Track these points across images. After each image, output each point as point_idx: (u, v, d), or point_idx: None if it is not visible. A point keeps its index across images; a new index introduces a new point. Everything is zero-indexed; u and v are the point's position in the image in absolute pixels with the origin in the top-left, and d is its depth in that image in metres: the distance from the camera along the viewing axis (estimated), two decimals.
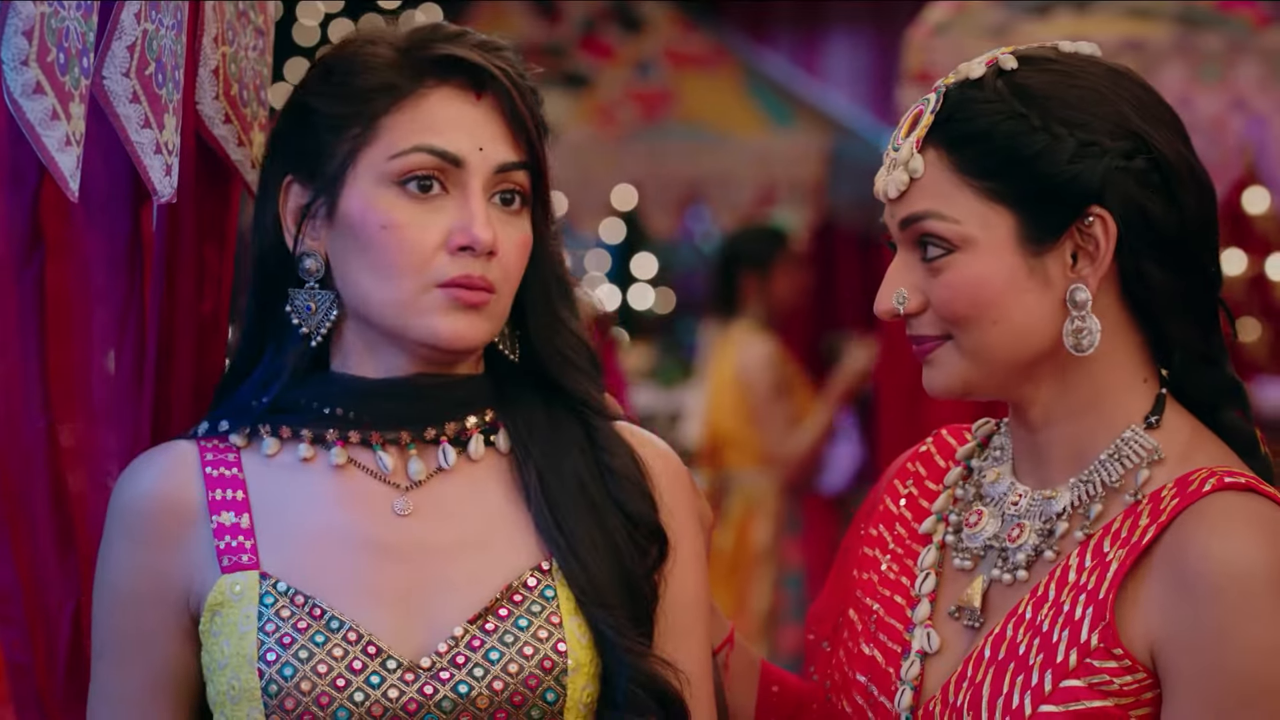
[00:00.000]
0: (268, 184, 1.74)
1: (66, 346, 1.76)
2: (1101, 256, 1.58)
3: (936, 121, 1.61)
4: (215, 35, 1.76)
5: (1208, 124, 3.99)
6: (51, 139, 1.49)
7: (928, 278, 1.61)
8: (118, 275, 1.77)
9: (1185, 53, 4.01)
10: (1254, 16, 4.11)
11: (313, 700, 1.60)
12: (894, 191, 1.62)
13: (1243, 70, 4.02)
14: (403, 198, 1.67)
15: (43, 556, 1.74)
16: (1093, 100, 1.59)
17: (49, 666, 1.73)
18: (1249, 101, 4.02)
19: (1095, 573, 1.56)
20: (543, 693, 1.63)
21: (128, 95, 1.61)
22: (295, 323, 1.71)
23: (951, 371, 1.62)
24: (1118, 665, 1.52)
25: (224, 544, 1.67)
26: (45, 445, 1.74)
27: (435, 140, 1.67)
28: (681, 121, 7.28)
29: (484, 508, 1.71)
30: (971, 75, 1.62)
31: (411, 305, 1.67)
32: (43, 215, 1.72)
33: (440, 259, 1.67)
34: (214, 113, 1.77)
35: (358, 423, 1.71)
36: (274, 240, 1.72)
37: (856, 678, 1.68)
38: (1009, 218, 1.59)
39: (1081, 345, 1.59)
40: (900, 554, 1.72)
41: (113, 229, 1.77)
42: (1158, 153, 1.59)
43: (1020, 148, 1.58)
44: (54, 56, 1.48)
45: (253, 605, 1.64)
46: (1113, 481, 1.60)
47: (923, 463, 1.77)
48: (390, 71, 1.69)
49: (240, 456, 1.71)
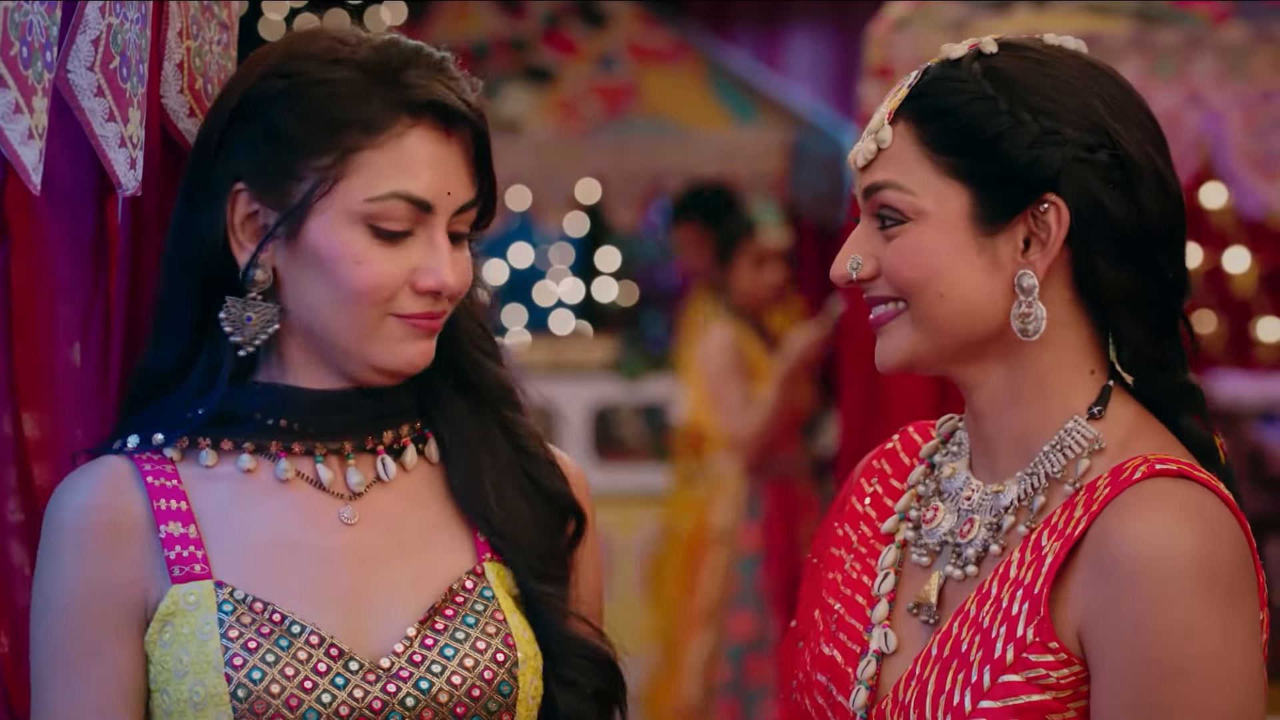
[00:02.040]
0: (209, 186, 1.71)
1: (31, 339, 1.76)
2: (1051, 244, 1.59)
3: (910, 95, 1.63)
4: (180, 29, 1.76)
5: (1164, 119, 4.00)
6: (14, 133, 1.49)
7: (882, 244, 1.64)
8: (82, 268, 1.78)
9: (1142, 48, 4.04)
10: (1211, 12, 4.14)
11: (282, 703, 1.62)
12: (862, 160, 1.65)
13: (1199, 66, 4.05)
14: (373, 239, 1.67)
15: (8, 549, 1.74)
16: (1063, 90, 1.60)
17: (15, 659, 1.73)
18: (1205, 97, 4.05)
19: (1032, 568, 1.57)
20: (498, 685, 1.67)
21: (92, 89, 1.61)
22: (227, 330, 1.70)
23: (901, 343, 1.64)
24: (1054, 659, 1.53)
25: (174, 554, 1.67)
26: (11, 437, 1.74)
27: (411, 187, 1.67)
28: (645, 116, 7.29)
29: (419, 515, 1.74)
30: (952, 55, 1.64)
31: (371, 334, 1.69)
32: (7, 209, 1.73)
33: (403, 294, 1.68)
34: (179, 107, 1.77)
35: (301, 434, 1.72)
36: (217, 247, 1.70)
37: (817, 678, 1.69)
38: (964, 195, 1.61)
39: (1027, 330, 1.60)
40: (863, 553, 1.73)
41: (77, 222, 1.77)
42: (1122, 150, 1.59)
43: (983, 128, 1.60)
44: (17, 50, 1.48)
45: (211, 613, 1.64)
46: (1055, 473, 1.61)
47: (888, 460, 1.78)
48: (363, 104, 1.67)
49: (177, 469, 1.71)
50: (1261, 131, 4.08)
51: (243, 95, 1.70)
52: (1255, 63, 4.09)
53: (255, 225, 1.71)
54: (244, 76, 1.73)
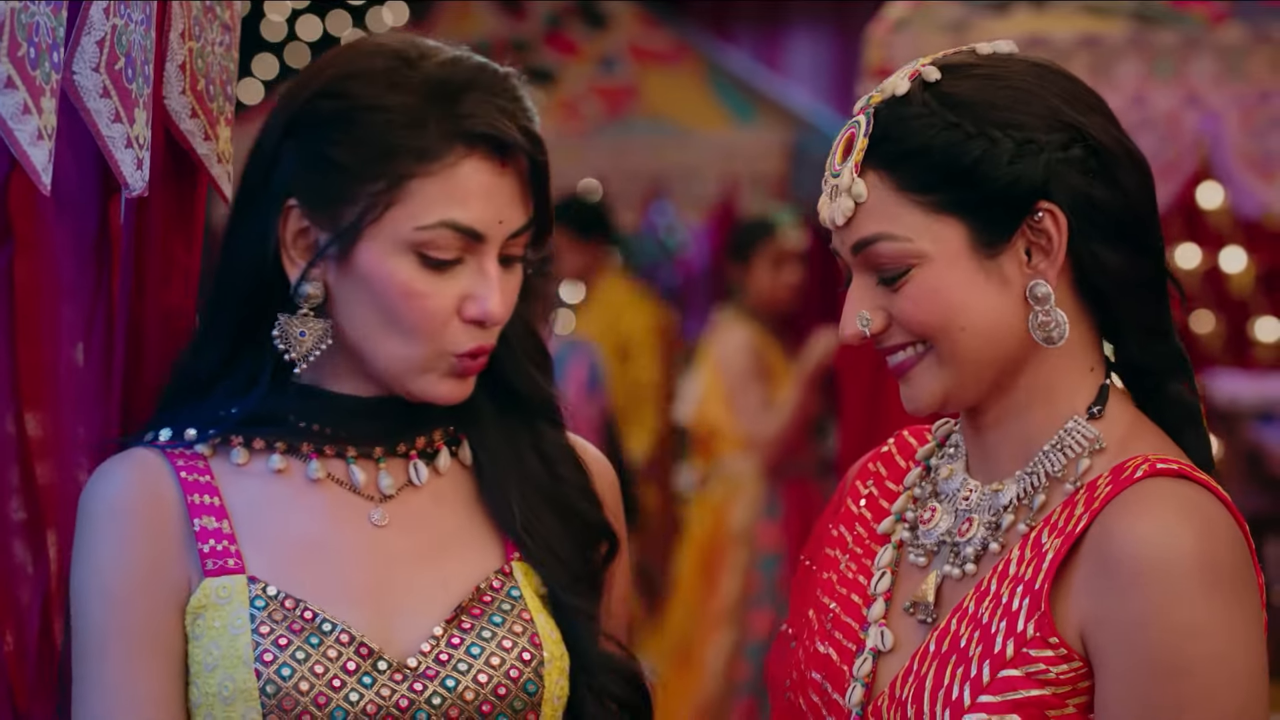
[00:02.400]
0: (261, 199, 1.70)
1: (34, 339, 1.77)
2: (1056, 249, 1.60)
3: (872, 143, 1.62)
4: (182, 30, 1.77)
5: (1162, 120, 4.03)
6: (23, 133, 1.50)
7: (887, 295, 1.62)
8: (86, 269, 1.78)
9: (1140, 49, 4.05)
10: (1208, 13, 4.15)
11: (310, 700, 1.63)
12: (841, 219, 1.63)
13: (1197, 66, 4.05)
14: (422, 267, 1.67)
15: (11, 548, 1.74)
16: (1022, 99, 1.60)
17: (19, 658, 1.73)
18: (1203, 97, 4.05)
19: (1032, 564, 1.57)
20: (523, 684, 1.68)
21: (98, 90, 1.62)
22: (281, 348, 1.70)
23: (933, 385, 1.63)
24: (1054, 654, 1.54)
25: (207, 547, 1.68)
26: (13, 436, 1.75)
27: (461, 216, 1.66)
28: (645, 117, 7.30)
29: (449, 517, 1.75)
30: (898, 91, 1.63)
31: (419, 367, 1.69)
32: (11, 209, 1.73)
33: (454, 327, 1.68)
34: (181, 107, 1.78)
35: (334, 438, 1.73)
36: (267, 260, 1.70)
37: (812, 676, 1.69)
38: (958, 227, 1.60)
39: (1052, 338, 1.60)
40: (859, 554, 1.73)
41: (81, 223, 1.78)
42: (1093, 140, 1.60)
43: (959, 156, 1.59)
44: (24, 51, 1.49)
45: (243, 608, 1.65)
46: (1055, 472, 1.62)
47: (884, 463, 1.79)
48: (418, 131, 1.65)
49: (209, 464, 1.72)
50: (1259, 132, 4.09)
51: (297, 112, 1.69)
52: (1253, 63, 4.10)
53: (307, 241, 1.70)
54: (299, 90, 1.71)
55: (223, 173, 1.85)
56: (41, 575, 1.76)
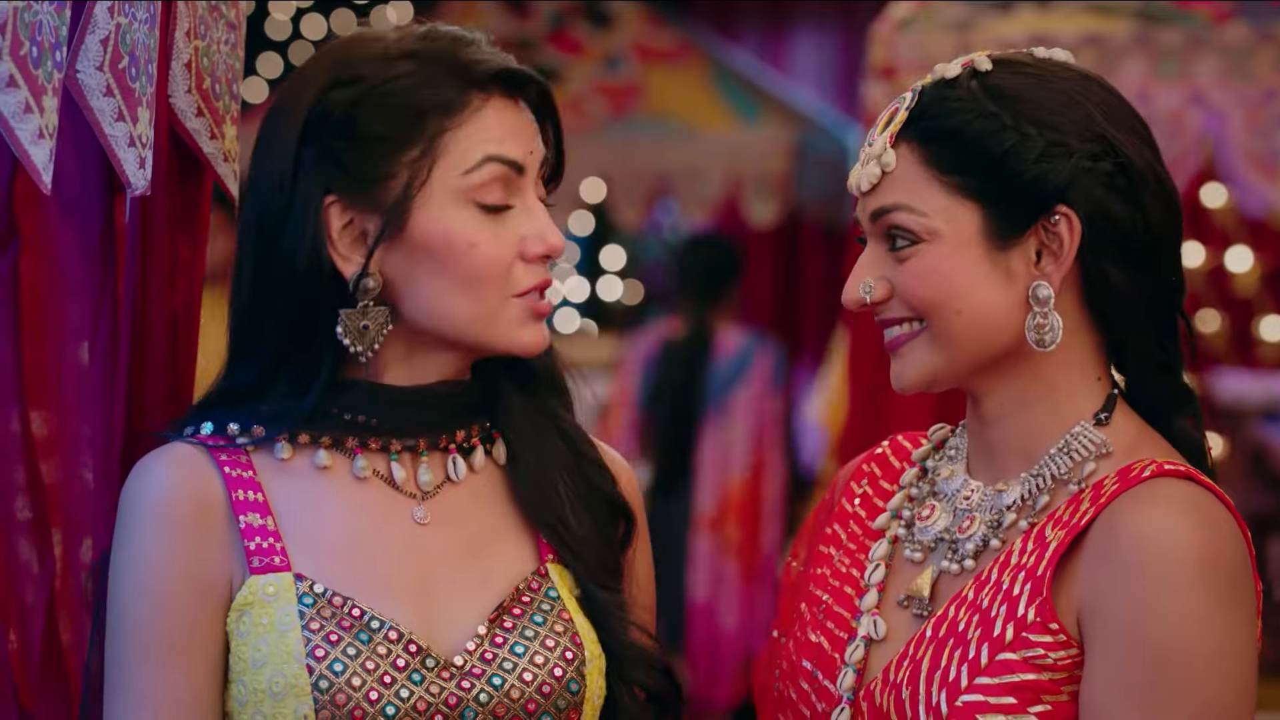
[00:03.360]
0: (293, 208, 1.69)
1: (40, 338, 1.77)
2: (1065, 255, 1.62)
3: (911, 118, 1.65)
4: (188, 29, 1.77)
5: (1167, 119, 4.04)
6: (25, 132, 1.50)
7: (894, 267, 1.65)
8: (91, 268, 1.78)
9: (1145, 48, 4.05)
10: (1213, 12, 4.15)
11: (363, 696, 1.63)
12: (866, 185, 1.66)
13: (1201, 65, 4.06)
14: (480, 215, 1.69)
15: (16, 547, 1.75)
16: (1063, 103, 1.63)
17: (23, 656, 1.74)
18: (1207, 96, 4.06)
19: (1035, 553, 1.60)
20: (567, 683, 1.69)
21: (101, 89, 1.62)
22: (346, 343, 1.70)
23: (921, 363, 1.66)
24: (1052, 640, 1.56)
25: (254, 545, 1.68)
26: (19, 435, 1.75)
27: (502, 149, 1.69)
28: (649, 115, 7.30)
29: (485, 516, 1.76)
30: (947, 75, 1.66)
31: (495, 318, 1.70)
32: (15, 208, 1.73)
33: (517, 269, 1.70)
34: (187, 106, 1.78)
35: (379, 430, 1.73)
36: (311, 264, 1.69)
37: (803, 664, 1.71)
38: (975, 213, 1.63)
39: (1044, 341, 1.63)
40: (852, 549, 1.76)
41: (86, 222, 1.78)
42: (1124, 157, 1.62)
43: (990, 145, 1.62)
44: (27, 50, 1.49)
45: (291, 605, 1.65)
46: (1061, 474, 1.64)
47: (878, 464, 1.81)
48: (436, 87, 1.69)
49: (251, 459, 1.72)
50: (1263, 131, 4.09)
51: (309, 113, 1.70)
52: (1257, 62, 4.10)
53: (353, 234, 1.71)
54: (296, 99, 1.71)
55: (228, 171, 1.85)
56: (46, 574, 1.76)
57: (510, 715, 1.67)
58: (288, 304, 1.70)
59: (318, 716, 1.63)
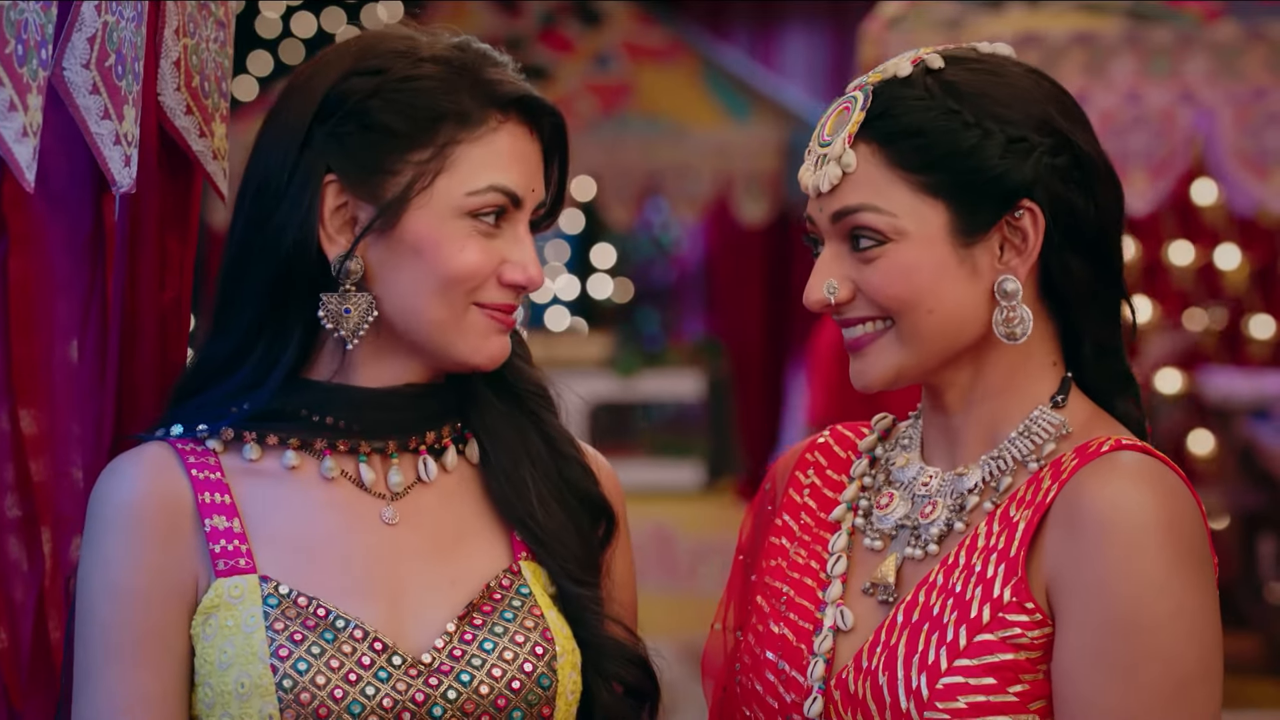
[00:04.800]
0: (293, 181, 1.70)
1: (29, 336, 1.77)
2: (1030, 249, 1.65)
3: (868, 118, 1.65)
4: (176, 27, 1.77)
5: (1157, 117, 4.05)
6: (9, 130, 1.49)
7: (858, 267, 1.66)
8: (80, 265, 1.78)
9: (1135, 46, 4.06)
10: (1203, 11, 4.16)
11: (327, 695, 1.64)
12: (826, 185, 1.66)
13: (1191, 64, 4.06)
14: (474, 229, 1.70)
15: (6, 545, 1.74)
16: (1018, 98, 1.65)
17: (13, 656, 1.73)
18: (1197, 94, 4.06)
19: (1004, 534, 1.62)
20: (537, 678, 1.69)
21: (88, 87, 1.62)
22: (330, 327, 1.70)
23: (888, 361, 1.67)
24: (1028, 619, 1.58)
25: (219, 548, 1.68)
26: (8, 433, 1.75)
27: (507, 181, 1.70)
28: (640, 114, 7.31)
29: (457, 515, 1.76)
30: (900, 73, 1.66)
31: (456, 324, 1.70)
32: (4, 206, 1.73)
33: (489, 285, 1.71)
34: (176, 104, 1.78)
35: (347, 432, 1.73)
36: (300, 236, 1.70)
37: (766, 655, 1.72)
38: (942, 211, 1.64)
39: (1015, 334, 1.65)
40: (807, 540, 1.76)
41: (75, 219, 1.78)
42: (1079, 150, 1.65)
43: (955, 143, 1.63)
44: (12, 48, 1.48)
45: (256, 606, 1.66)
46: (1023, 456, 1.67)
47: (822, 453, 1.82)
48: (457, 98, 1.69)
49: (220, 461, 1.72)
50: (1253, 129, 4.11)
51: (328, 94, 1.70)
52: (1247, 61, 4.11)
53: (344, 217, 1.71)
54: (318, 78, 1.72)
55: (218, 169, 1.85)
56: (36, 572, 1.76)
57: (480, 712, 1.67)
58: (268, 275, 1.70)
59: (283, 716, 1.63)
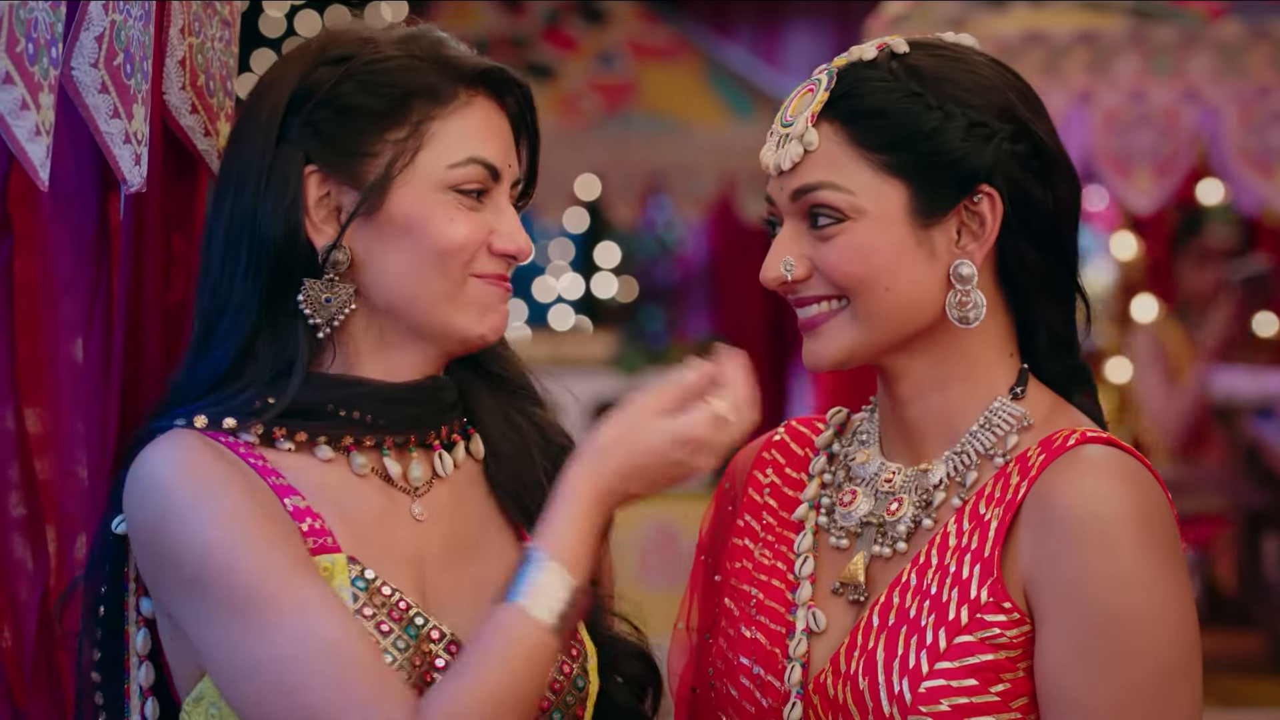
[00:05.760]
0: (271, 176, 1.69)
1: (34, 335, 1.77)
2: (987, 234, 1.65)
3: (832, 98, 1.66)
4: (182, 26, 1.77)
5: (1161, 115, 4.05)
6: (21, 129, 1.49)
7: (815, 244, 1.67)
8: (85, 264, 1.78)
9: (1139, 45, 4.06)
10: (1207, 9, 4.16)
11: None
12: (787, 163, 1.67)
13: (1195, 62, 4.06)
14: (458, 203, 1.70)
15: (10, 544, 1.75)
16: (981, 85, 1.66)
17: (17, 655, 1.74)
18: (1202, 93, 4.06)
19: (976, 533, 1.62)
20: (574, 679, 1.70)
21: (96, 86, 1.62)
22: (307, 313, 1.70)
23: (841, 340, 1.67)
24: (1006, 618, 1.59)
25: (305, 526, 1.64)
26: (13, 432, 1.75)
27: (485, 153, 1.71)
28: (643, 112, 7.31)
29: (471, 511, 1.76)
30: (865, 57, 1.68)
31: (455, 296, 1.70)
32: (10, 204, 1.74)
33: (481, 255, 1.71)
34: (181, 103, 1.78)
35: (373, 427, 1.72)
36: (288, 230, 1.69)
37: (740, 660, 1.71)
38: (902, 191, 1.65)
39: (968, 318, 1.66)
40: (771, 540, 1.76)
41: (80, 218, 1.78)
42: (1039, 140, 1.66)
43: (916, 123, 1.64)
44: (23, 47, 1.49)
45: (345, 587, 1.63)
46: (986, 450, 1.67)
47: (779, 450, 1.81)
48: (425, 75, 1.70)
49: (263, 454, 1.68)
50: (1258, 128, 4.10)
51: (296, 85, 1.71)
52: (1251, 59, 4.11)
53: (329, 206, 1.71)
54: (284, 74, 1.72)
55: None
56: (41, 571, 1.76)
57: None
58: (262, 275, 1.69)
59: None
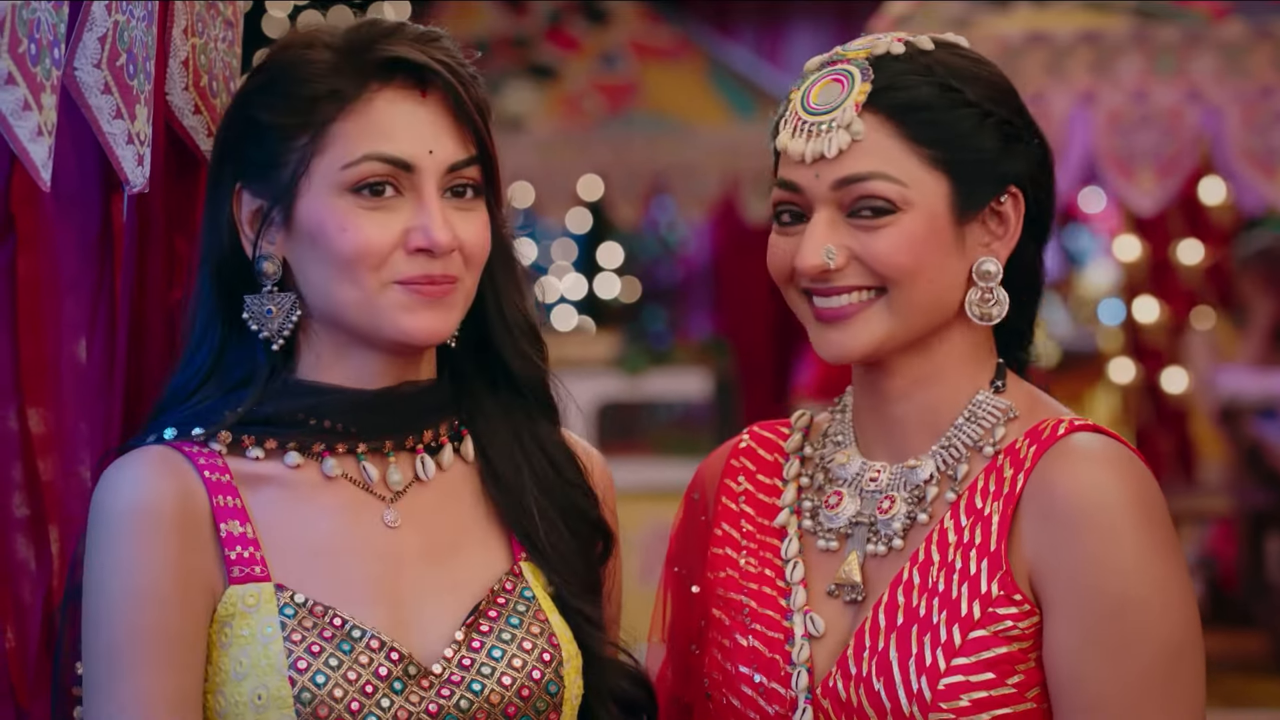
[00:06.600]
0: (217, 191, 1.73)
1: (37, 335, 1.77)
2: (1011, 233, 1.69)
3: (876, 89, 1.67)
4: (185, 27, 1.77)
5: (1164, 116, 4.04)
6: (23, 129, 1.49)
7: (855, 234, 1.67)
8: (88, 264, 1.78)
9: (1142, 45, 4.06)
10: (1210, 9, 4.16)
11: (344, 707, 1.62)
12: (833, 151, 1.67)
13: (1199, 62, 4.06)
14: (358, 204, 1.68)
15: (14, 544, 1.74)
16: (1001, 86, 1.70)
17: (21, 655, 1.73)
18: (1205, 93, 4.06)
19: (978, 528, 1.64)
20: (545, 685, 1.69)
21: (99, 86, 1.62)
22: (254, 328, 1.71)
23: (875, 330, 1.67)
24: (1017, 610, 1.61)
25: (234, 554, 1.66)
26: (16, 432, 1.75)
27: (385, 147, 1.68)
28: (646, 112, 7.31)
29: (456, 514, 1.75)
30: (893, 51, 1.69)
31: (374, 304, 1.68)
32: (13, 205, 1.73)
33: (397, 257, 1.68)
34: (184, 104, 1.78)
35: (345, 434, 1.72)
36: (229, 246, 1.72)
37: (740, 669, 1.71)
38: (945, 186, 1.66)
39: (990, 315, 1.68)
40: (755, 548, 1.76)
41: (83, 219, 1.78)
42: (1045, 141, 1.71)
43: (961, 121, 1.66)
44: (25, 47, 1.49)
45: (272, 616, 1.64)
46: (974, 442, 1.68)
47: (748, 458, 1.81)
48: (333, 77, 1.69)
49: (227, 464, 1.70)
50: (1261, 128, 4.10)
51: (230, 109, 1.74)
52: (1254, 59, 4.10)
53: (259, 220, 1.72)
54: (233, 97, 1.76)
55: None
56: (44, 572, 1.76)
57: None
58: (217, 289, 1.72)
59: None
